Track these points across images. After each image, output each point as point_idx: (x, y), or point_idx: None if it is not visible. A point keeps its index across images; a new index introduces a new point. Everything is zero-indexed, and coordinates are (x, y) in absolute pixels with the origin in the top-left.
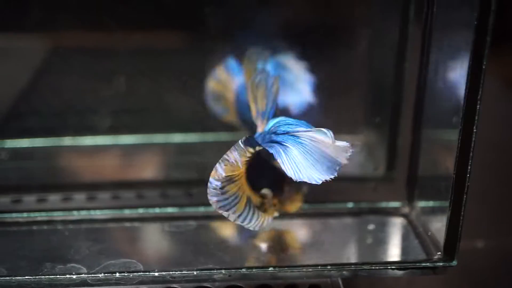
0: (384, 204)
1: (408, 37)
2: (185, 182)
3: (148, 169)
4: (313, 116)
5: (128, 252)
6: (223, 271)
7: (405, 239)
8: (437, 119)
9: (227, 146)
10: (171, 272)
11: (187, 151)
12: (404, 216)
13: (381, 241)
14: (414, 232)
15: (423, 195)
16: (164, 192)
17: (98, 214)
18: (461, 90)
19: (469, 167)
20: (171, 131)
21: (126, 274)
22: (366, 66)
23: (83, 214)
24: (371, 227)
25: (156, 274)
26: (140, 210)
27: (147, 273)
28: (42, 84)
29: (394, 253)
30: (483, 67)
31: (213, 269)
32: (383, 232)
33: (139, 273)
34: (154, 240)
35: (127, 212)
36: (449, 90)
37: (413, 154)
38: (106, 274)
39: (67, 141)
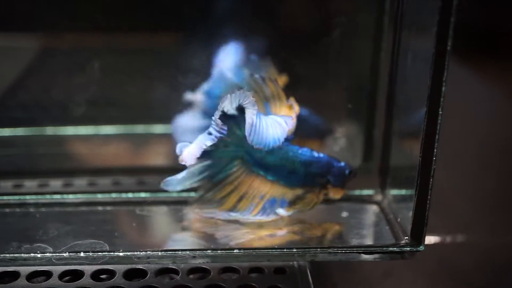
0: (358, 192)
1: (384, 28)
2: (160, 169)
3: (125, 158)
4: None
5: (96, 234)
6: (188, 252)
7: (376, 225)
8: (408, 109)
9: None
10: (135, 253)
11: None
12: (377, 203)
13: (352, 227)
14: (386, 219)
15: (395, 184)
16: (139, 179)
17: (71, 198)
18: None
19: (434, 152)
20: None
21: (90, 254)
22: (342, 57)
23: (56, 198)
24: (344, 214)
25: (121, 254)
26: (113, 195)
27: (112, 253)
28: (25, 78)
29: (364, 238)
30: (447, 54)
31: (178, 250)
32: (356, 218)
33: (103, 253)
34: (124, 223)
35: (99, 197)
36: (419, 80)
37: (385, 144)
38: (70, 253)
39: (48, 130)
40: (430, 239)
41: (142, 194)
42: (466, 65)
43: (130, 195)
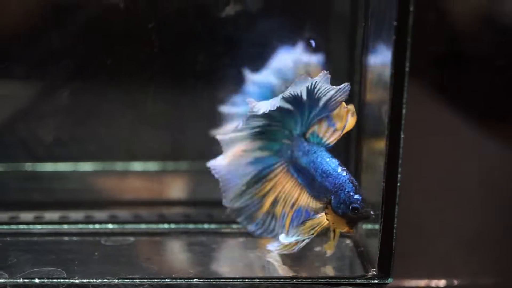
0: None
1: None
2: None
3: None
4: None
5: (56, 262)
6: (146, 280)
7: (347, 258)
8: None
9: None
10: (92, 280)
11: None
12: (349, 237)
13: (323, 260)
14: (357, 252)
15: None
16: (111, 213)
17: (37, 228)
18: None
19: (397, 179)
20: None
21: (45, 281)
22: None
23: (22, 228)
24: (317, 248)
25: (77, 281)
26: (80, 226)
27: (67, 280)
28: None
29: (333, 270)
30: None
31: (136, 278)
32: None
33: (58, 280)
34: (87, 252)
35: (65, 227)
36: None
37: (357, 178)
38: (25, 280)
39: (27, 167)
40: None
41: (110, 225)
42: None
43: (97, 226)
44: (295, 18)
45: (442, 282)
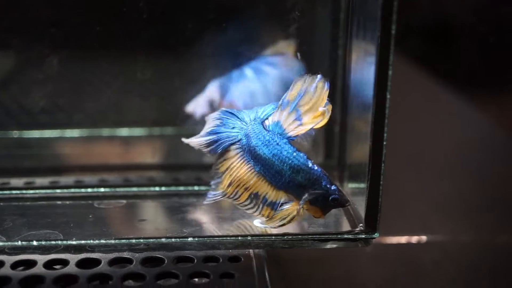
0: None
1: (340, 24)
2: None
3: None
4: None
5: (52, 225)
6: (141, 240)
7: (334, 216)
8: (360, 105)
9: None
10: (89, 241)
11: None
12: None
13: (311, 218)
14: (343, 210)
15: (353, 178)
16: (101, 177)
17: (30, 192)
18: None
19: (384, 136)
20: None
21: (43, 243)
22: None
23: (15, 193)
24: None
25: (74, 243)
26: (72, 190)
27: (64, 242)
28: None
29: (321, 227)
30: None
31: (132, 239)
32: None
33: (56, 242)
34: (81, 215)
35: (58, 191)
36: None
37: (342, 140)
38: (23, 242)
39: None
40: (391, 239)
41: (102, 189)
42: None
43: (89, 190)
44: None
45: (422, 239)
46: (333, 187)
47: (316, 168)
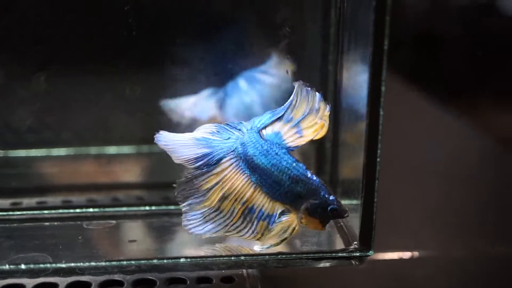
0: None
1: (330, 39)
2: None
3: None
4: None
5: (40, 248)
6: (133, 261)
7: (327, 234)
8: (352, 120)
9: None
10: (78, 264)
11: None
12: None
13: (303, 235)
14: (336, 227)
15: (346, 194)
16: (90, 197)
17: (17, 214)
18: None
19: (377, 154)
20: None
21: (32, 266)
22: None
23: (1, 214)
24: None
25: (63, 266)
26: (60, 210)
27: (54, 265)
28: None
29: (315, 245)
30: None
31: (123, 260)
32: (305, 227)
33: (45, 265)
34: (70, 237)
35: (46, 212)
36: (360, 93)
37: (334, 156)
38: (11, 266)
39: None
40: (384, 255)
41: (90, 209)
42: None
43: (78, 210)
44: None
45: (413, 254)
46: (331, 198)
47: (315, 178)
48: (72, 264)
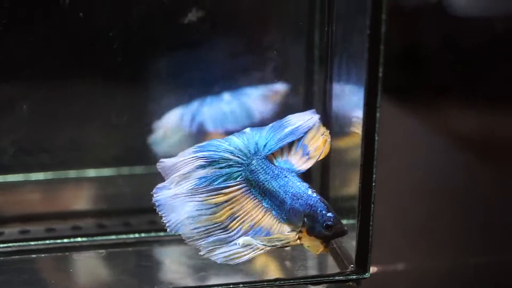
0: None
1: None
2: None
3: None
4: None
5: (29, 283)
6: None
7: (319, 256)
8: (342, 141)
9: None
10: None
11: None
12: None
13: (296, 259)
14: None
15: (337, 213)
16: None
17: (2, 246)
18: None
19: (373, 177)
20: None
21: None
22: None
23: None
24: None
25: None
26: (47, 241)
27: None
28: None
29: (309, 269)
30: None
31: None
32: (298, 250)
33: None
34: (60, 269)
35: (32, 244)
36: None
37: (324, 175)
38: None
39: None
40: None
41: (79, 239)
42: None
43: (65, 240)
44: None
45: (396, 267)
46: (328, 214)
47: (315, 195)
48: None
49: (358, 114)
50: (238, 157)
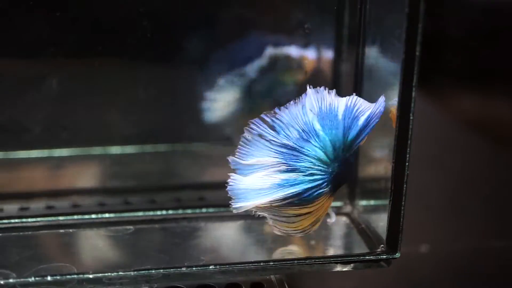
0: None
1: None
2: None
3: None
4: None
5: (61, 256)
6: (161, 270)
7: (348, 236)
8: None
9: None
10: (106, 274)
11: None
12: (347, 215)
13: (325, 239)
14: (357, 229)
15: (364, 195)
16: (101, 201)
17: (30, 221)
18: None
19: (407, 157)
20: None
21: (58, 277)
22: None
23: (14, 222)
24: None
25: (91, 276)
26: (75, 217)
27: (81, 275)
28: None
29: (338, 249)
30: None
31: (151, 269)
32: (326, 230)
33: (71, 276)
34: (90, 244)
35: (61, 219)
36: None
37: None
38: (36, 278)
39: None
40: None
41: (106, 215)
42: None
43: (93, 216)
44: None
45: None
46: None
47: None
48: (99, 275)
49: (391, 93)
50: (319, 166)
